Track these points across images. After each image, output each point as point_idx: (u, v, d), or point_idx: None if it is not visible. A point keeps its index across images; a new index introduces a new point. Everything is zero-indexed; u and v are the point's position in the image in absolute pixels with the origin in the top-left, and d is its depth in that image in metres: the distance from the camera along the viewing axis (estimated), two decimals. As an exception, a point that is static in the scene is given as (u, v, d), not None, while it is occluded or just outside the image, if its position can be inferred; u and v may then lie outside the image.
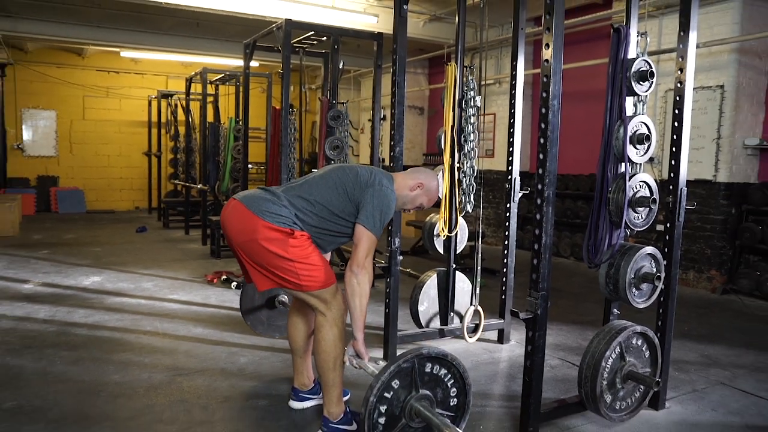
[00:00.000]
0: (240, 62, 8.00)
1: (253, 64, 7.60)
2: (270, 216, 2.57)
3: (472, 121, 3.93)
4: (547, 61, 2.60)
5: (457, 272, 4.24)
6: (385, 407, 2.35)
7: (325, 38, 5.80)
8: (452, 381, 2.53)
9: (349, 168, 2.79)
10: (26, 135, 12.36)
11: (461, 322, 4.03)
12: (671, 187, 3.10)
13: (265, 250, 2.56)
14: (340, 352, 2.69)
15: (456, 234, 4.11)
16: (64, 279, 5.91)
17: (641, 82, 2.93)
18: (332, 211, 2.67)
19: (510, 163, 3.99)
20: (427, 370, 2.46)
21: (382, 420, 2.34)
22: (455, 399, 2.56)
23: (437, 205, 3.95)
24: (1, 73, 11.16)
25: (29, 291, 5.39)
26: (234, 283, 5.68)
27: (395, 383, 2.36)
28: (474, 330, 4.03)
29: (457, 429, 2.34)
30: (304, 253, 2.60)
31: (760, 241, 6.02)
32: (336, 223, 2.69)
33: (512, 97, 3.94)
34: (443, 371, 2.50)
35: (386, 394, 2.35)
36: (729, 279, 6.28)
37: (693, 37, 3.04)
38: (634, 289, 2.96)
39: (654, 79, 2.94)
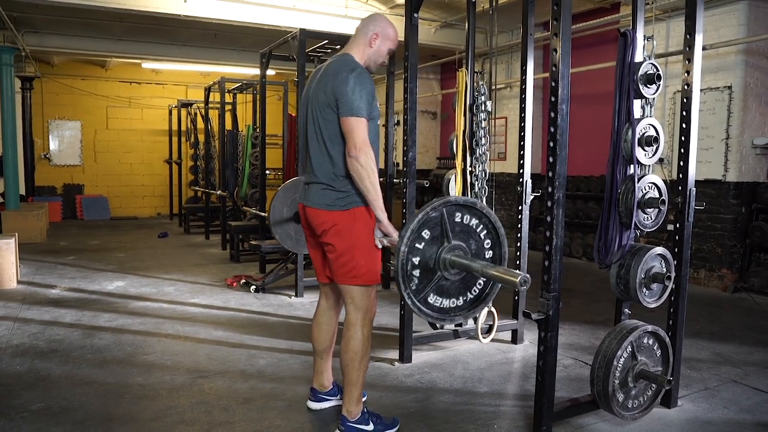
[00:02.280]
0: (257, 71, 8.15)
1: (270, 72, 7.74)
2: (331, 206, 2.65)
3: (483, 125, 3.98)
4: (555, 65, 2.63)
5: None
6: (417, 259, 2.27)
7: (338, 46, 5.89)
8: (485, 232, 2.44)
9: (316, 87, 2.72)
10: (53, 145, 12.69)
11: (475, 323, 4.08)
12: (680, 187, 3.13)
13: (338, 236, 2.64)
14: (366, 353, 2.73)
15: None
16: (89, 284, 6.06)
17: (648, 85, 2.97)
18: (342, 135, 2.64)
19: (521, 165, 4.04)
20: (458, 219, 2.37)
21: (416, 272, 2.27)
22: (490, 251, 2.47)
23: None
24: (29, 86, 11.45)
25: (56, 296, 5.54)
26: (253, 287, 5.78)
27: (425, 233, 2.28)
28: (488, 331, 4.08)
29: (502, 267, 2.24)
30: (368, 242, 2.66)
31: (771, 239, 6.01)
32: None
33: (522, 101, 3.99)
34: (474, 221, 2.41)
35: (417, 245, 2.26)
36: (740, 277, 6.26)
37: (699, 39, 3.08)
38: (644, 289, 2.99)
39: (661, 82, 2.98)
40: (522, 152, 4.04)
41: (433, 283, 2.34)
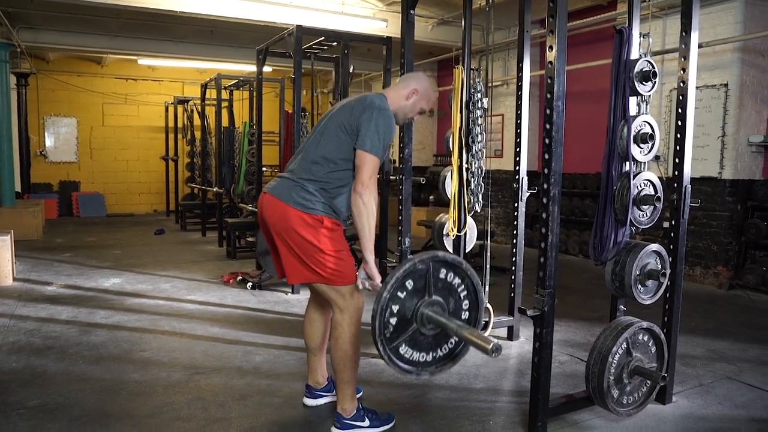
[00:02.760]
0: (253, 68, 8.13)
1: (266, 69, 7.73)
2: (301, 205, 2.64)
3: (479, 122, 3.99)
4: (551, 62, 2.63)
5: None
6: (397, 307, 2.30)
7: (335, 43, 5.90)
8: (465, 293, 2.48)
9: (342, 107, 2.78)
10: (49, 142, 12.66)
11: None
12: (676, 184, 3.14)
13: (300, 237, 2.63)
14: (356, 351, 2.75)
15: (465, 233, 4.17)
16: (85, 281, 6.05)
17: (644, 82, 2.98)
18: (346, 158, 2.68)
19: (517, 162, 4.05)
20: (441, 276, 2.40)
21: (393, 321, 2.30)
22: (467, 312, 2.50)
23: (446, 204, 4.03)
24: (24, 82, 11.42)
25: (52, 293, 5.54)
26: (249, 284, 5.78)
27: (409, 284, 2.31)
28: (484, 327, 4.09)
29: (477, 330, 2.28)
30: (335, 247, 2.67)
31: (766, 236, 6.07)
32: (352, 170, 2.70)
33: (519, 98, 4.00)
34: (457, 280, 2.44)
35: (399, 294, 2.29)
36: (735, 274, 6.30)
37: (695, 37, 3.09)
38: (639, 286, 3.00)
39: (657, 79, 2.98)
40: (518, 149, 4.05)
41: (407, 334, 2.36)
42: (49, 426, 2.82)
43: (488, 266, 4.09)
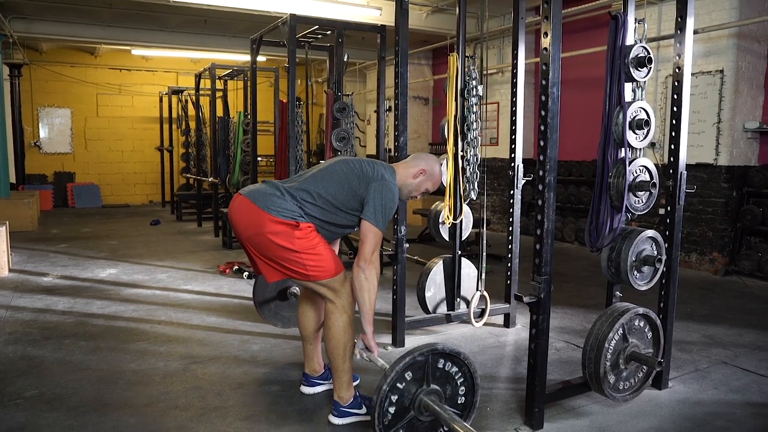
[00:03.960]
0: (247, 57, 8.10)
1: (260, 59, 7.68)
2: (275, 210, 2.63)
3: (474, 110, 3.98)
4: (545, 49, 2.62)
5: (462, 259, 4.31)
6: (396, 397, 2.38)
7: (329, 32, 5.86)
8: (462, 379, 2.56)
9: (352, 162, 2.82)
10: (43, 133, 12.60)
11: (468, 307, 4.10)
12: (671, 171, 3.14)
13: (272, 243, 2.63)
14: (349, 339, 2.76)
15: (461, 221, 4.18)
16: (81, 272, 6.05)
17: (639, 68, 2.96)
18: (336, 205, 2.72)
19: (513, 150, 4.04)
20: (440, 365, 2.49)
21: (392, 410, 2.37)
22: (463, 397, 2.59)
23: (442, 192, 4.03)
24: (17, 73, 11.34)
25: (48, 284, 5.53)
26: (246, 273, 5.79)
27: (408, 375, 2.39)
28: (480, 315, 4.11)
29: (466, 424, 2.36)
30: (310, 244, 2.67)
31: (761, 222, 6.09)
32: (339, 216, 2.75)
33: (514, 85, 3.98)
34: (454, 369, 2.53)
35: (398, 385, 2.37)
36: (731, 260, 6.33)
37: (690, 22, 3.07)
38: (635, 272, 3.01)
39: (652, 65, 2.97)
40: (514, 137, 4.04)
41: (404, 421, 2.43)
42: (47, 416, 2.83)
43: (484, 254, 4.09)
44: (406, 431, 2.45)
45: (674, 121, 3.13)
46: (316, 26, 5.73)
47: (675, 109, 3.13)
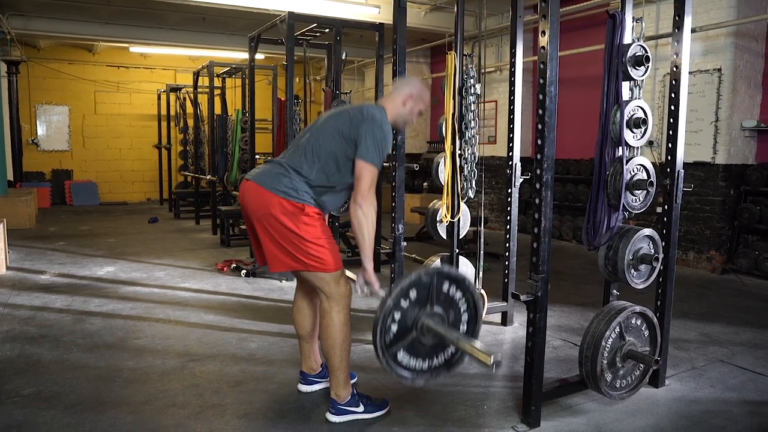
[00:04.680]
0: (245, 55, 8.10)
1: (259, 56, 7.68)
2: (282, 191, 2.65)
3: (472, 108, 3.98)
4: (543, 47, 2.62)
5: (460, 257, 4.31)
6: (399, 315, 2.35)
7: (327, 30, 5.86)
8: (465, 306, 2.54)
9: (341, 114, 2.81)
10: (41, 130, 12.58)
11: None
12: (668, 169, 3.15)
13: (280, 224, 2.64)
14: (346, 337, 2.76)
15: (458, 219, 4.18)
16: (79, 269, 6.04)
17: (637, 67, 2.97)
18: (337, 160, 2.71)
19: (510, 149, 4.05)
20: (444, 289, 2.46)
21: (394, 327, 2.35)
22: (465, 325, 2.57)
23: (440, 191, 4.03)
24: (15, 70, 11.32)
25: (46, 281, 5.52)
26: (243, 271, 5.79)
27: (412, 294, 2.37)
28: (478, 313, 4.10)
29: (476, 341, 2.33)
30: (315, 234, 2.67)
31: (759, 221, 6.10)
32: (344, 172, 2.74)
33: (512, 84, 3.99)
34: (459, 294, 2.51)
35: (402, 302, 2.35)
36: (728, 259, 6.34)
37: (688, 21, 3.08)
38: (632, 270, 3.01)
39: (649, 64, 2.97)
40: (511, 135, 4.05)
41: (406, 341, 2.42)
42: (44, 414, 2.83)
43: (482, 252, 4.10)
44: (408, 352, 2.43)
45: (672, 120, 3.13)
46: (315, 24, 5.73)
47: (673, 107, 3.13)
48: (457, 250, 4.27)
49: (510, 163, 4.04)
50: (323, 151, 2.73)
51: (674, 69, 3.12)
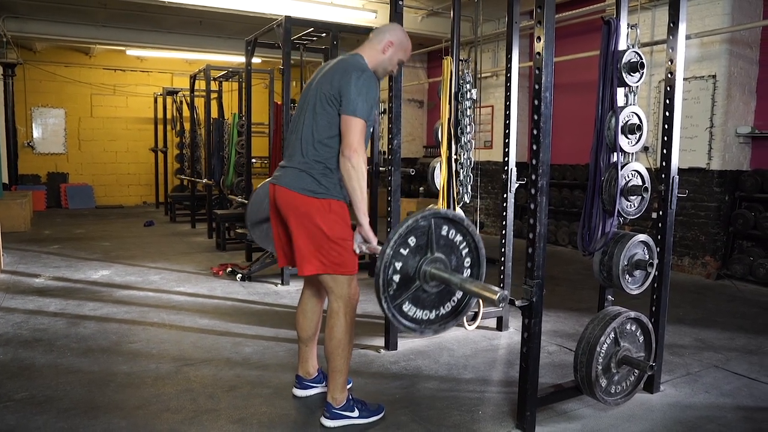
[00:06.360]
0: (242, 59, 8.08)
1: (255, 60, 7.70)
2: (308, 191, 2.64)
3: (468, 113, 3.99)
4: (538, 53, 2.63)
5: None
6: (400, 264, 2.30)
7: (324, 34, 5.87)
8: (467, 250, 2.49)
9: (322, 76, 2.73)
10: (36, 133, 12.54)
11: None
12: (663, 175, 3.16)
13: (312, 223, 2.64)
14: (350, 341, 2.75)
15: (455, 224, 4.17)
16: (73, 273, 6.02)
17: (632, 73, 2.99)
18: (338, 135, 2.65)
19: (506, 153, 4.05)
20: (443, 233, 2.40)
21: (396, 278, 2.30)
22: (469, 270, 2.52)
23: (436, 196, 4.03)
24: (11, 72, 11.31)
25: (40, 285, 5.50)
26: (239, 275, 5.78)
27: (411, 240, 2.31)
28: (473, 318, 4.11)
29: (479, 282, 2.27)
30: (342, 235, 2.66)
31: (753, 227, 6.12)
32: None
33: (507, 89, 4.00)
34: (459, 237, 2.45)
35: (402, 251, 2.29)
36: (723, 264, 6.36)
37: (683, 28, 3.10)
38: (627, 276, 3.02)
39: (644, 70, 2.99)
40: (507, 140, 4.06)
41: (410, 291, 2.36)
42: (37, 418, 2.81)
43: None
44: (413, 303, 2.39)
45: (666, 126, 3.15)
46: (311, 28, 5.74)
47: (667, 113, 3.15)
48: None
49: (506, 168, 4.05)
50: (325, 130, 2.65)
51: (669, 75, 3.14)
